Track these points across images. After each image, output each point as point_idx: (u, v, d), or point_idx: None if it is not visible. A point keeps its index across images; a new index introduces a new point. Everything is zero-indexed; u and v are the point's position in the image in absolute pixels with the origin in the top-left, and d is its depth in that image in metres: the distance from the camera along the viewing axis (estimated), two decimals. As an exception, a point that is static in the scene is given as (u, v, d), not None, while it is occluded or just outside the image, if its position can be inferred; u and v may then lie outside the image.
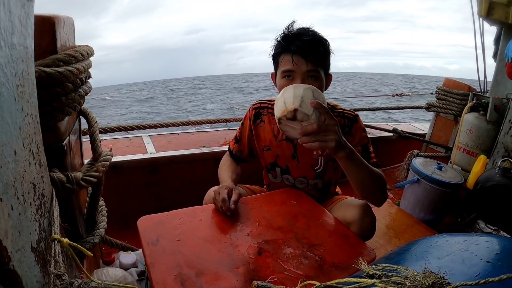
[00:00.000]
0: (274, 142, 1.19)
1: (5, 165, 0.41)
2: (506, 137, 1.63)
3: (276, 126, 1.15)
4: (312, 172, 1.18)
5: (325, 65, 1.03)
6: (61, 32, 0.77)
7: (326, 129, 0.83)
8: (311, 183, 1.21)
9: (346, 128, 1.10)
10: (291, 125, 0.88)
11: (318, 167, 1.17)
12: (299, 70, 0.98)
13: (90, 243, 0.99)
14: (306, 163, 1.17)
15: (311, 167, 1.17)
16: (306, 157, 1.16)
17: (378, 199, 1.03)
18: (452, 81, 2.44)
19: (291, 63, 0.98)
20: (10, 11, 0.43)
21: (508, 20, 1.81)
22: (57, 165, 0.81)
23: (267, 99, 1.24)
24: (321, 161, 1.16)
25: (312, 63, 0.98)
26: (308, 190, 1.23)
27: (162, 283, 0.71)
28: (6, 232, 0.40)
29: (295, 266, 0.81)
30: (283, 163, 1.20)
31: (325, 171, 1.18)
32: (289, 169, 1.21)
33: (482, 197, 1.46)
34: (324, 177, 1.20)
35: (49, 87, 0.72)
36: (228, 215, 0.98)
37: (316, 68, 0.99)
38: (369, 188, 0.98)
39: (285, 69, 1.00)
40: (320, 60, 1.00)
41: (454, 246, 0.59)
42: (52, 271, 0.53)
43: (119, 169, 1.75)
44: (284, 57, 1.01)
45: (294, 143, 1.16)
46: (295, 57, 0.98)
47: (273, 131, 1.19)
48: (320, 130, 0.83)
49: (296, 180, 1.22)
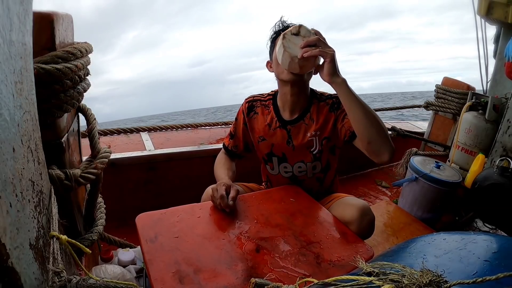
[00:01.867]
0: (268, 131, 1.21)
1: (4, 162, 0.41)
2: (505, 137, 1.63)
3: (270, 116, 1.21)
4: (309, 155, 1.19)
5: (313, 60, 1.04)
6: (60, 29, 0.77)
7: (325, 44, 0.96)
8: (309, 166, 1.21)
9: (335, 105, 1.15)
10: (294, 41, 0.98)
11: (314, 148, 1.18)
12: None
13: (89, 240, 0.99)
14: (302, 147, 1.18)
15: (307, 150, 1.19)
16: (300, 140, 1.18)
17: (387, 145, 0.99)
18: (450, 80, 2.44)
19: None
20: (9, 8, 0.43)
21: (507, 20, 1.80)
22: (55, 162, 0.81)
23: (260, 93, 1.29)
24: (316, 142, 1.17)
25: None
26: (308, 178, 1.24)
27: (161, 280, 0.71)
28: (5, 229, 0.40)
29: (293, 263, 0.81)
30: (279, 151, 1.22)
31: (321, 152, 1.19)
32: (286, 156, 1.22)
33: (480, 196, 1.46)
34: (322, 159, 1.20)
35: (48, 84, 0.72)
36: (227, 212, 0.98)
37: None
38: (375, 126, 0.97)
39: None
40: None
41: (451, 245, 0.59)
42: (51, 268, 0.53)
43: (118, 166, 1.75)
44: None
45: (288, 129, 1.18)
46: None
47: (266, 120, 1.22)
48: (320, 42, 0.96)
49: (295, 167, 1.22)
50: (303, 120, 1.17)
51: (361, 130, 0.99)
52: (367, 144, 1.00)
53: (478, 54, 2.27)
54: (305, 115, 1.17)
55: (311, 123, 1.17)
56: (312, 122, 1.16)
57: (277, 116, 1.20)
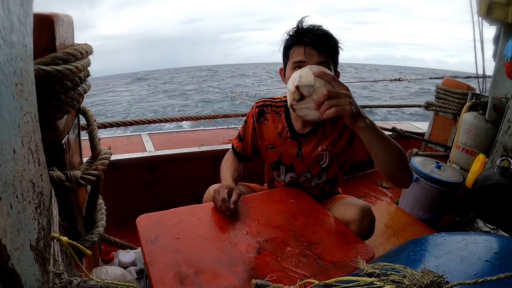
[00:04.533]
0: (278, 141, 1.18)
1: (4, 163, 0.41)
2: (505, 137, 1.63)
3: (281, 124, 1.17)
4: (317, 167, 1.17)
5: (335, 59, 1.04)
6: (60, 30, 0.77)
7: (337, 93, 0.80)
8: (315, 176, 1.20)
9: None
10: (304, 105, 0.87)
11: (323, 161, 1.15)
12: (311, 61, 0.99)
13: (89, 242, 0.99)
14: (312, 160, 1.16)
15: (316, 163, 1.16)
16: (310, 154, 1.15)
17: (407, 176, 0.96)
18: (451, 80, 2.45)
19: (303, 54, 1.00)
20: (9, 9, 0.43)
21: (507, 20, 1.81)
22: (56, 164, 0.81)
23: (270, 97, 1.24)
24: (326, 156, 1.14)
25: (324, 54, 1.00)
26: (311, 186, 1.22)
27: (161, 281, 0.71)
28: (5, 230, 0.40)
29: (294, 264, 0.81)
30: (287, 161, 1.20)
31: (330, 165, 1.16)
32: (294, 166, 1.20)
33: (481, 196, 1.46)
34: (329, 171, 1.19)
35: (48, 86, 0.72)
36: (228, 215, 0.98)
37: (327, 60, 1.00)
38: (397, 163, 0.92)
39: (297, 60, 1.01)
40: (331, 53, 1.02)
41: (452, 245, 0.59)
42: (51, 270, 0.53)
43: (118, 167, 1.75)
44: (296, 49, 1.02)
45: (299, 141, 1.15)
46: (308, 48, 0.99)
47: (277, 129, 1.18)
48: (331, 94, 0.80)
49: (301, 176, 1.21)
50: (316, 134, 1.12)
51: (383, 168, 0.95)
52: (388, 178, 0.96)
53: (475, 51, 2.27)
54: (317, 129, 1.12)
55: (323, 137, 1.12)
56: (325, 137, 1.12)
57: (288, 126, 1.15)
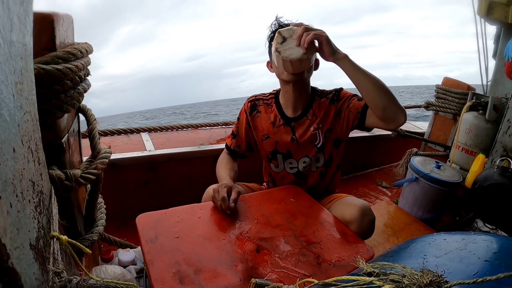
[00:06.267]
0: (272, 129, 1.23)
1: (4, 162, 0.41)
2: (505, 137, 1.63)
3: (273, 113, 1.23)
4: (313, 149, 1.22)
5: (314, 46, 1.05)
6: (60, 29, 0.77)
7: (314, 29, 0.98)
8: (313, 159, 1.23)
9: (335, 97, 1.19)
10: (287, 46, 1.00)
11: (318, 141, 1.20)
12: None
13: (89, 241, 0.99)
14: (306, 142, 1.21)
15: (311, 144, 1.21)
16: (304, 136, 1.20)
17: (401, 109, 1.02)
18: (451, 80, 2.44)
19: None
20: (9, 8, 0.43)
21: (507, 20, 1.80)
22: (56, 163, 0.81)
23: (262, 93, 1.31)
24: (319, 134, 1.20)
25: None
26: (311, 172, 1.25)
27: (161, 280, 0.71)
28: (5, 229, 0.40)
29: (293, 264, 0.81)
30: (283, 148, 1.24)
31: (325, 144, 1.21)
32: (291, 152, 1.24)
33: (481, 196, 1.46)
34: (325, 151, 1.22)
35: (48, 85, 0.72)
36: (228, 213, 0.98)
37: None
38: (387, 92, 1.00)
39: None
40: None
41: (452, 245, 0.59)
42: (51, 269, 0.53)
43: (118, 166, 1.75)
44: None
45: (292, 126, 1.21)
46: None
47: (270, 118, 1.24)
48: (308, 28, 0.98)
49: (300, 162, 1.24)
50: (307, 116, 1.20)
51: (374, 99, 1.01)
52: (382, 111, 1.01)
53: (478, 53, 2.27)
54: (308, 112, 1.20)
55: (314, 119, 1.19)
56: (315, 118, 1.19)
57: (280, 114, 1.22)
